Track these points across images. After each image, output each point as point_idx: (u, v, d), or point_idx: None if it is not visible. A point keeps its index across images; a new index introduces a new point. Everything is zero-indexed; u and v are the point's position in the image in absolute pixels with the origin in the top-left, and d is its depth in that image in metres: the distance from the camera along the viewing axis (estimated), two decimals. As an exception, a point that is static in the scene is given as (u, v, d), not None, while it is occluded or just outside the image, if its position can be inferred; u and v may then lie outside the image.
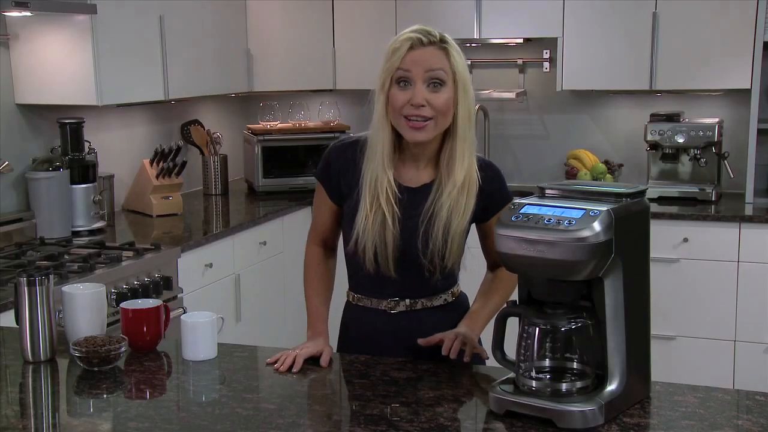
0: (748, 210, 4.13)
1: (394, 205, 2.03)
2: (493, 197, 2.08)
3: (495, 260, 2.14)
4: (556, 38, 4.50)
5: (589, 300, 1.71)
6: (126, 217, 4.10)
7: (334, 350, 2.15)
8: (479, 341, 2.12)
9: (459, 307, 2.17)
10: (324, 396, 1.91)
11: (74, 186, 3.62)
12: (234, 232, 3.90)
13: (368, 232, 2.04)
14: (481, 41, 4.76)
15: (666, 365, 3.89)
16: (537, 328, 1.71)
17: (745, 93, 4.30)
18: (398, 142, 2.05)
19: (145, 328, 2.11)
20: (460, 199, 2.03)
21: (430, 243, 2.03)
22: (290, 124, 4.91)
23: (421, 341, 2.05)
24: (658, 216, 4.09)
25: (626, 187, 1.73)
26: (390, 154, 2.03)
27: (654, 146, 4.44)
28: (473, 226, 2.15)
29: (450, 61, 1.98)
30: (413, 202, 2.05)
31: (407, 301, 2.11)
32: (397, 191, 2.04)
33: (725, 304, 4.08)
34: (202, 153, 4.75)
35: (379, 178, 2.03)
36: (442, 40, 1.99)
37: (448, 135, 2.04)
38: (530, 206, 1.69)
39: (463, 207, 2.03)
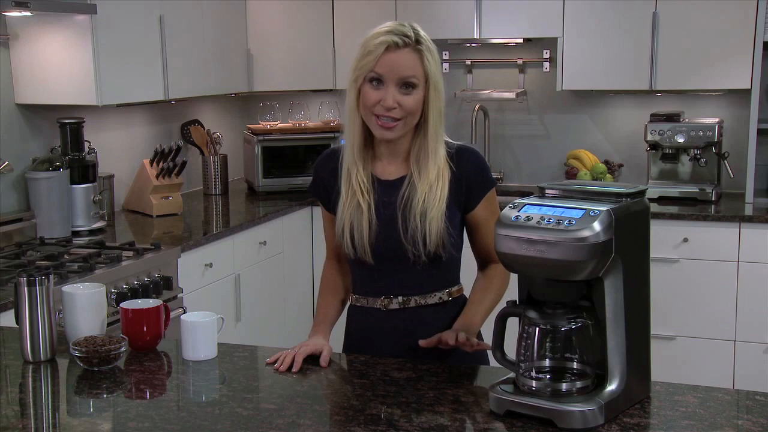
0: (748, 210, 4.12)
1: (367, 194, 2.06)
2: (472, 179, 2.08)
3: (484, 258, 2.15)
4: (556, 38, 4.50)
5: (589, 300, 1.71)
6: (126, 217, 4.10)
7: (339, 352, 2.15)
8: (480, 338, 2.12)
9: (457, 308, 2.16)
10: (324, 396, 1.91)
11: (74, 186, 3.62)
12: (234, 232, 3.90)
13: (345, 217, 2.07)
14: (481, 41, 4.76)
15: (666, 365, 3.89)
16: (537, 328, 1.71)
17: (745, 93, 4.30)
18: (371, 137, 2.08)
19: (145, 328, 2.11)
20: (435, 188, 2.04)
21: (409, 226, 2.04)
22: (290, 124, 4.91)
23: (422, 342, 2.05)
24: (658, 216, 4.09)
25: (626, 187, 1.73)
26: (360, 145, 2.07)
27: (654, 146, 4.44)
28: (464, 222, 2.14)
29: (423, 65, 1.99)
30: (388, 191, 2.08)
31: (400, 298, 2.11)
32: (369, 182, 2.07)
33: (725, 304, 4.08)
34: (202, 153, 4.75)
35: (350, 168, 2.08)
36: (417, 41, 1.99)
37: (418, 131, 2.05)
38: (530, 206, 1.69)
39: (438, 195, 2.04)
